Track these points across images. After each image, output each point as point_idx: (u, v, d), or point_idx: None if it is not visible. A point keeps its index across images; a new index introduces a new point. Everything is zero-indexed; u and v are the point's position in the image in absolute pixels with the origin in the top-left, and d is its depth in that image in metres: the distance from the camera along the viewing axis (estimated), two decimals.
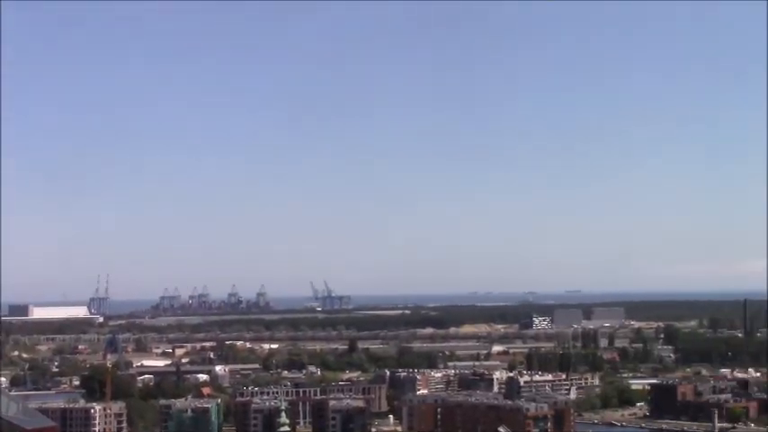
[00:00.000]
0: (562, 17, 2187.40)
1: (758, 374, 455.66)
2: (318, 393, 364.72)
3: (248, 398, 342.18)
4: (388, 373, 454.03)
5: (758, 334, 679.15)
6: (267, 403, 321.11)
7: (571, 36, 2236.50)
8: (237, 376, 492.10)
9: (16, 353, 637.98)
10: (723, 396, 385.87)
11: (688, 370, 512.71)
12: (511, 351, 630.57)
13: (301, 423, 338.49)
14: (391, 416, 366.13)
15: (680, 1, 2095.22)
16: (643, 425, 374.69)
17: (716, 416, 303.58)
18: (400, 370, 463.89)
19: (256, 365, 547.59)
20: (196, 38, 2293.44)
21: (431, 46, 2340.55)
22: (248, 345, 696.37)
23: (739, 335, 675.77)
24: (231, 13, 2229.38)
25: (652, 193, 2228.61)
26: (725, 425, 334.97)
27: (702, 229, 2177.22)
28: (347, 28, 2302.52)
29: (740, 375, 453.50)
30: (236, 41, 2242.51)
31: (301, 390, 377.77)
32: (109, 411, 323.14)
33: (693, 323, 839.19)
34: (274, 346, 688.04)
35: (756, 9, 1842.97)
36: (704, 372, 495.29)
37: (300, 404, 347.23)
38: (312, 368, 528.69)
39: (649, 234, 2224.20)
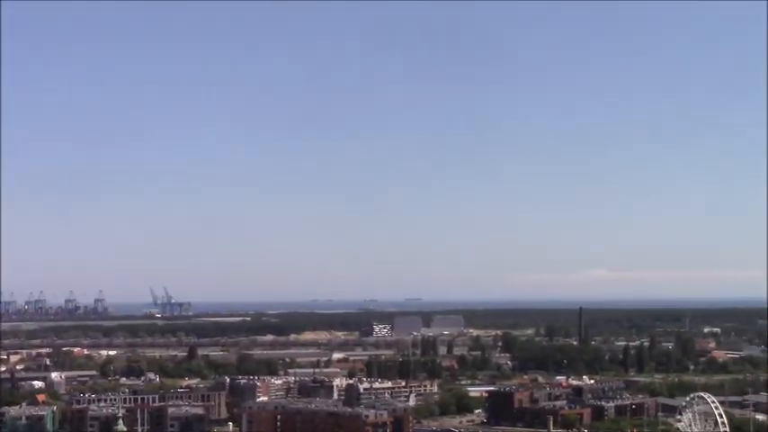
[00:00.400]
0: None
1: (592, 381, 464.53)
2: (157, 400, 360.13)
3: (85, 405, 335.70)
4: (227, 379, 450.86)
5: (593, 342, 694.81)
6: (104, 410, 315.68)
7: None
8: (74, 383, 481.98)
9: None
10: (558, 403, 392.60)
11: (525, 377, 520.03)
12: (351, 358, 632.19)
13: (139, 430, 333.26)
14: (231, 423, 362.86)
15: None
16: (480, 431, 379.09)
17: (551, 422, 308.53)
18: (240, 377, 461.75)
19: (94, 372, 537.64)
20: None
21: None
22: (85, 351, 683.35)
23: (574, 343, 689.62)
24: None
25: (494, 205, 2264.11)
26: (560, 431, 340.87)
27: (536, 240, 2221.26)
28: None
29: (575, 382, 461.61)
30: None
31: (139, 397, 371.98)
32: None
33: (530, 331, 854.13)
34: (112, 352, 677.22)
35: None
36: (540, 379, 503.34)
37: (138, 411, 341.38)
38: (151, 375, 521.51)
39: (486, 245, 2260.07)
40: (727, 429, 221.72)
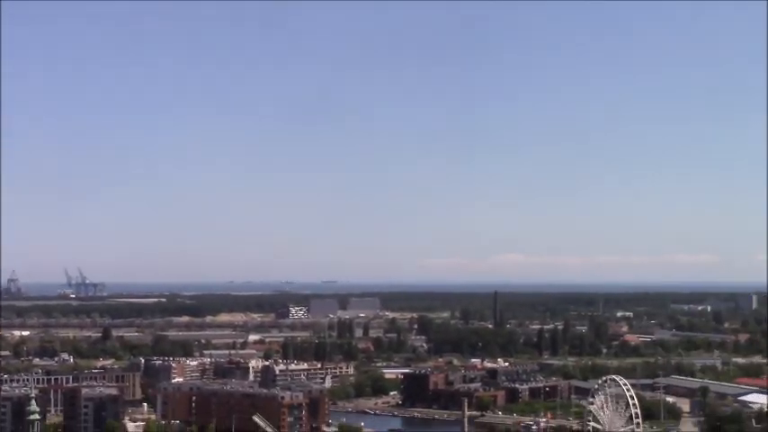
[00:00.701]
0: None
1: (506, 364, 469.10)
2: (71, 381, 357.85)
3: None
4: (142, 360, 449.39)
5: (507, 325, 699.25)
6: (17, 391, 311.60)
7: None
8: None
9: None
10: (473, 385, 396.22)
11: (440, 360, 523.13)
12: (267, 340, 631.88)
13: (53, 411, 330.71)
14: (145, 404, 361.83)
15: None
16: (396, 413, 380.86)
17: (465, 404, 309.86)
18: (155, 358, 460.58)
19: (7, 352, 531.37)
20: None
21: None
22: None
23: (489, 326, 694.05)
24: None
25: (410, 190, 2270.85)
26: (474, 413, 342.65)
27: (452, 224, 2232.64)
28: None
29: (489, 365, 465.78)
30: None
31: (53, 377, 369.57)
32: None
33: (446, 314, 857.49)
34: (26, 332, 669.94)
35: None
36: (455, 361, 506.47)
37: (52, 392, 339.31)
38: (65, 356, 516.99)
39: (402, 228, 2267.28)
40: (638, 411, 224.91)
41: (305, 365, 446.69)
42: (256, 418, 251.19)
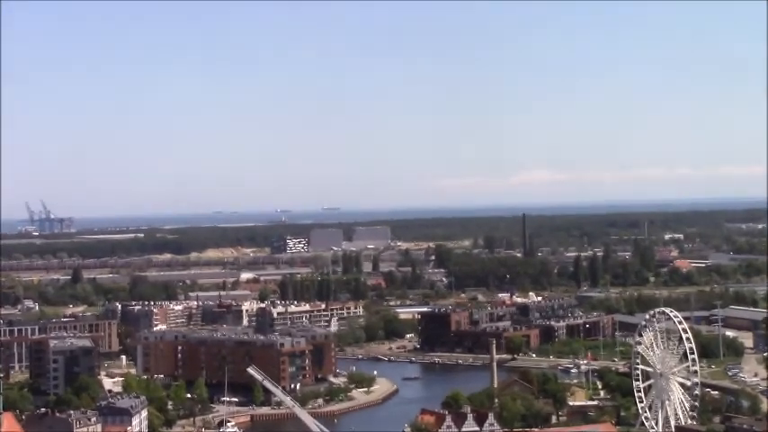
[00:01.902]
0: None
1: (539, 298, 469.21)
2: (37, 332, 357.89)
3: None
4: (119, 306, 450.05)
5: (539, 253, 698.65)
6: None
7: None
8: None
9: None
10: (502, 324, 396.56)
11: (462, 295, 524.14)
12: (262, 278, 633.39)
13: (17, 367, 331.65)
14: (124, 356, 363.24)
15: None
16: (413, 358, 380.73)
17: (494, 346, 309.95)
18: (133, 303, 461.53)
19: None
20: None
21: None
22: None
23: (518, 255, 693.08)
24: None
25: (420, 104, 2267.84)
26: (504, 356, 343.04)
27: (468, 140, 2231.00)
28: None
29: (520, 300, 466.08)
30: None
31: (16, 328, 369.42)
32: None
33: (467, 242, 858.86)
34: None
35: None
36: (480, 297, 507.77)
37: (15, 345, 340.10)
38: (29, 303, 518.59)
39: (414, 146, 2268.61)
40: (694, 348, 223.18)
41: (306, 307, 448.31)
42: (252, 370, 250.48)
